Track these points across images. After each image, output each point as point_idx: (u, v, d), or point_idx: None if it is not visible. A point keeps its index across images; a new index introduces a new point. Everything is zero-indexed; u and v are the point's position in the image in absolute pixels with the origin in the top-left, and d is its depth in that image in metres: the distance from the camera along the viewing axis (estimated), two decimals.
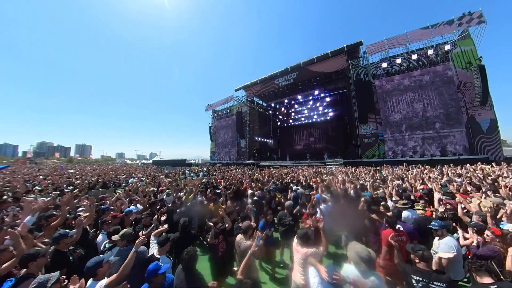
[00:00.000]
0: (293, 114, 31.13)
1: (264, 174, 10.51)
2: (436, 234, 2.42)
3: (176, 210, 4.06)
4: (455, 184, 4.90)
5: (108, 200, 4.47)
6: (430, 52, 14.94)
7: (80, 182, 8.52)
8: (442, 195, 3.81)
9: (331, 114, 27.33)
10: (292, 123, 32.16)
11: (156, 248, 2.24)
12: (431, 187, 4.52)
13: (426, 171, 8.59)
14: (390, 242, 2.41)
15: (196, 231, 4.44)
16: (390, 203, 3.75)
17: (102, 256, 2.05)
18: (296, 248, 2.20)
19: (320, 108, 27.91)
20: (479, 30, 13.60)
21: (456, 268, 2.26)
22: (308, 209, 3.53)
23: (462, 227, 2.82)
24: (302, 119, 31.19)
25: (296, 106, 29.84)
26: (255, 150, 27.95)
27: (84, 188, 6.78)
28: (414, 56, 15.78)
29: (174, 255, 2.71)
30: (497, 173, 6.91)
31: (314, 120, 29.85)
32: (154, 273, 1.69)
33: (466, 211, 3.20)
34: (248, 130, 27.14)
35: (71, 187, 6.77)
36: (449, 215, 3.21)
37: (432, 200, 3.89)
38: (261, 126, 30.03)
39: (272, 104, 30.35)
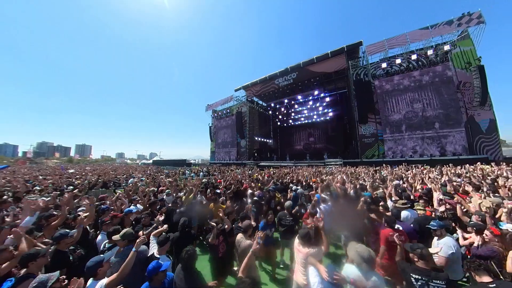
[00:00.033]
0: (293, 114, 31.16)
1: (264, 174, 10.51)
2: (435, 234, 2.41)
3: (176, 210, 4.05)
4: (454, 184, 4.91)
5: (109, 200, 4.46)
6: (430, 52, 14.97)
7: (80, 182, 8.51)
8: (442, 195, 3.81)
9: (330, 114, 27.37)
10: (292, 123, 32.19)
11: (156, 248, 2.24)
12: (431, 187, 4.52)
13: (425, 171, 8.60)
14: (390, 241, 2.42)
15: (196, 231, 4.45)
16: (389, 203, 3.76)
17: (102, 255, 2.05)
18: (298, 248, 2.19)
19: (320, 108, 27.94)
20: (478, 31, 13.65)
21: (455, 268, 2.26)
22: (309, 208, 3.53)
23: (461, 227, 2.82)
24: (302, 119, 31.22)
25: (296, 106, 29.86)
26: (255, 150, 27.96)
27: (84, 188, 6.77)
28: (414, 56, 15.80)
29: (174, 255, 2.72)
30: (496, 173, 6.93)
31: (314, 120, 29.89)
32: (155, 271, 1.70)
33: (465, 211, 3.21)
34: (248, 130, 27.15)
35: (71, 187, 6.77)
36: (448, 215, 3.21)
37: (432, 200, 3.90)
38: (261, 126, 30.03)
39: (272, 104, 30.37)
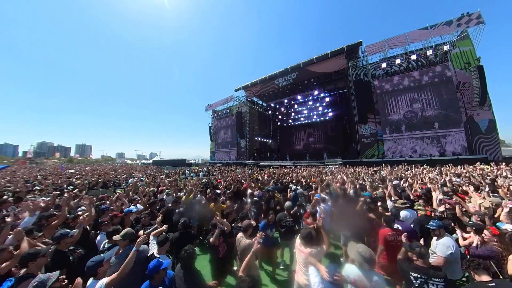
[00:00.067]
0: (292, 114, 31.16)
1: (264, 174, 10.51)
2: (434, 234, 2.40)
3: (176, 210, 4.05)
4: (454, 184, 4.92)
5: (109, 200, 4.46)
6: (429, 52, 14.99)
7: (80, 182, 8.51)
8: (442, 195, 3.82)
9: (330, 114, 27.38)
10: (292, 123, 32.19)
11: (155, 248, 2.24)
12: (430, 187, 4.53)
13: (425, 171, 8.62)
14: (388, 240, 2.42)
15: (196, 231, 4.45)
16: (389, 202, 3.76)
17: (103, 255, 2.06)
18: (300, 249, 2.16)
19: (320, 108, 27.96)
20: (477, 31, 13.67)
21: (454, 268, 2.26)
22: (309, 208, 3.53)
23: (460, 227, 2.83)
24: (302, 119, 31.23)
25: (295, 106, 29.87)
26: (255, 150, 27.96)
27: (84, 188, 6.77)
28: (413, 57, 15.83)
29: (173, 255, 2.72)
30: (495, 173, 6.95)
31: (313, 120, 29.91)
32: (156, 269, 1.71)
33: (464, 210, 3.22)
34: (248, 130, 27.15)
35: (71, 187, 6.77)
36: (448, 215, 3.22)
37: (431, 200, 3.91)
38: (261, 126, 30.04)
39: (272, 104, 30.38)
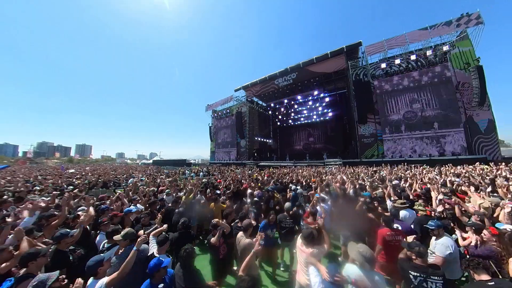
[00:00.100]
0: (292, 114, 31.19)
1: (263, 174, 10.52)
2: (432, 233, 2.40)
3: (176, 210, 4.05)
4: (454, 184, 4.93)
5: (109, 200, 4.45)
6: (429, 52, 15.02)
7: (80, 182, 8.50)
8: (442, 195, 3.82)
9: (330, 114, 27.41)
10: (292, 123, 32.23)
11: (155, 248, 2.25)
12: (430, 187, 4.54)
13: (425, 171, 8.63)
14: (387, 240, 2.43)
15: (196, 231, 4.45)
16: (389, 202, 3.77)
17: (103, 255, 2.06)
18: (301, 249, 2.16)
19: (320, 108, 27.99)
20: (477, 31, 13.71)
21: (453, 268, 2.27)
22: (309, 207, 3.54)
23: (460, 227, 2.83)
24: (302, 119, 31.27)
25: (295, 106, 29.89)
26: (255, 150, 27.96)
27: (84, 188, 6.77)
28: (413, 57, 15.86)
29: (173, 255, 2.72)
30: (495, 173, 6.96)
31: (313, 120, 29.95)
32: (156, 268, 1.73)
33: (463, 210, 3.23)
34: (247, 130, 27.17)
35: (71, 187, 6.77)
36: (448, 215, 3.22)
37: (431, 200, 3.92)
38: (260, 126, 30.05)
39: (272, 104, 30.38)
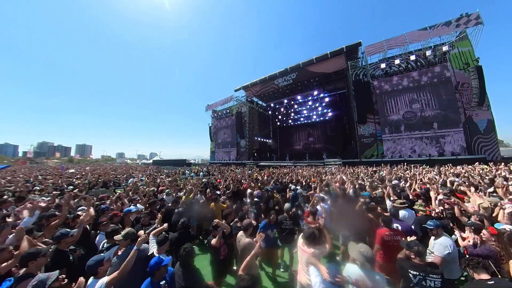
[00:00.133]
0: (292, 114, 31.21)
1: (263, 174, 10.52)
2: (431, 233, 2.40)
3: (175, 210, 4.06)
4: (454, 184, 4.93)
5: (109, 200, 4.45)
6: (428, 53, 15.05)
7: (80, 182, 8.49)
8: (442, 195, 3.83)
9: (330, 114, 27.43)
10: (292, 123, 32.26)
11: (155, 248, 2.26)
12: (429, 187, 4.55)
13: (424, 172, 8.64)
14: (385, 240, 2.44)
15: (195, 231, 4.46)
16: (388, 202, 3.78)
17: (103, 254, 2.07)
18: (303, 248, 2.15)
19: (319, 109, 28.01)
20: (476, 32, 13.73)
21: (452, 267, 2.27)
22: (309, 207, 3.54)
23: (459, 227, 2.84)
24: (302, 119, 31.30)
25: (295, 107, 29.90)
26: (255, 150, 27.97)
27: (84, 188, 6.77)
28: (412, 57, 15.88)
29: (173, 255, 2.73)
30: (494, 173, 6.98)
31: (313, 120, 29.99)
32: (157, 266, 1.75)
33: (463, 210, 3.23)
34: (247, 130, 27.18)
35: (72, 187, 6.77)
36: (447, 215, 3.23)
37: (430, 200, 3.93)
38: (260, 126, 30.06)
39: (272, 104, 30.38)
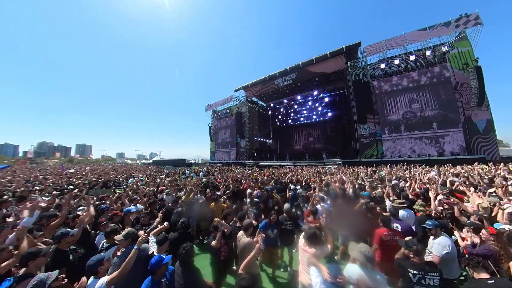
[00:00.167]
0: (292, 115, 31.24)
1: (263, 174, 10.53)
2: (430, 233, 2.40)
3: (174, 210, 4.06)
4: (454, 184, 4.94)
5: (109, 200, 4.46)
6: (428, 53, 15.08)
7: (80, 181, 8.49)
8: (442, 195, 3.84)
9: (330, 114, 27.47)
10: (292, 123, 32.28)
11: (155, 247, 2.26)
12: (429, 187, 4.56)
13: (424, 172, 8.66)
14: (383, 240, 2.44)
15: (195, 231, 4.46)
16: (388, 202, 3.79)
17: (103, 254, 2.07)
18: (304, 249, 2.14)
19: (319, 109, 28.03)
20: (475, 32, 13.77)
21: (451, 267, 2.27)
22: (309, 206, 3.54)
23: (458, 227, 2.84)
24: (301, 119, 31.34)
25: (295, 107, 29.92)
26: (255, 150, 27.97)
27: (84, 188, 6.76)
28: (412, 57, 15.91)
29: (172, 254, 2.73)
30: (493, 173, 6.99)
31: (313, 120, 30.02)
32: (158, 264, 1.77)
33: (462, 210, 3.24)
34: (247, 130, 27.19)
35: (72, 187, 6.76)
36: (447, 215, 3.24)
37: (429, 200, 3.94)
38: (260, 126, 30.06)
39: (272, 105, 30.38)
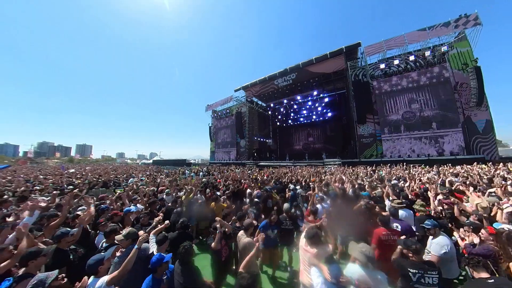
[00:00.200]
0: (292, 115, 31.23)
1: (263, 174, 10.53)
2: (429, 233, 2.40)
3: (174, 210, 4.07)
4: (454, 184, 4.95)
5: (109, 200, 4.46)
6: (427, 53, 15.11)
7: (80, 181, 8.48)
8: (441, 195, 3.85)
9: (329, 114, 27.48)
10: (291, 124, 32.28)
11: (155, 247, 2.27)
12: (428, 187, 4.57)
13: (423, 171, 8.67)
14: (382, 240, 2.45)
15: (195, 231, 4.46)
16: (387, 202, 3.79)
17: (103, 253, 2.07)
18: (305, 249, 2.12)
19: (319, 109, 28.04)
20: (475, 32, 13.80)
21: (450, 267, 2.28)
22: (309, 206, 3.55)
23: (458, 227, 2.85)
24: (301, 119, 31.32)
25: (295, 107, 29.92)
26: (255, 150, 27.96)
27: (84, 188, 6.76)
28: (412, 57, 15.95)
29: (172, 254, 2.73)
30: (492, 173, 7.01)
31: (313, 120, 30.01)
32: (158, 262, 1.79)
33: (461, 210, 3.25)
34: (247, 130, 27.21)
35: (72, 187, 6.76)
36: (447, 214, 3.25)
37: (428, 200, 3.95)
38: (260, 126, 30.07)
39: (272, 105, 30.40)
